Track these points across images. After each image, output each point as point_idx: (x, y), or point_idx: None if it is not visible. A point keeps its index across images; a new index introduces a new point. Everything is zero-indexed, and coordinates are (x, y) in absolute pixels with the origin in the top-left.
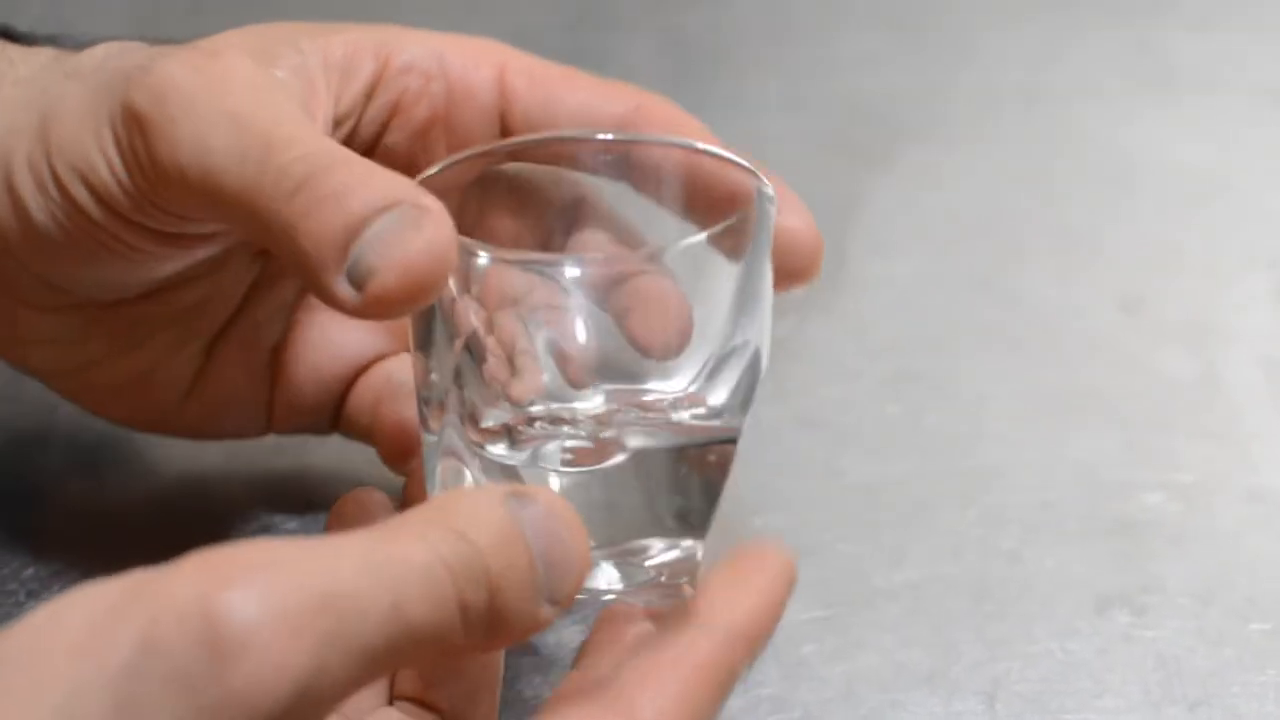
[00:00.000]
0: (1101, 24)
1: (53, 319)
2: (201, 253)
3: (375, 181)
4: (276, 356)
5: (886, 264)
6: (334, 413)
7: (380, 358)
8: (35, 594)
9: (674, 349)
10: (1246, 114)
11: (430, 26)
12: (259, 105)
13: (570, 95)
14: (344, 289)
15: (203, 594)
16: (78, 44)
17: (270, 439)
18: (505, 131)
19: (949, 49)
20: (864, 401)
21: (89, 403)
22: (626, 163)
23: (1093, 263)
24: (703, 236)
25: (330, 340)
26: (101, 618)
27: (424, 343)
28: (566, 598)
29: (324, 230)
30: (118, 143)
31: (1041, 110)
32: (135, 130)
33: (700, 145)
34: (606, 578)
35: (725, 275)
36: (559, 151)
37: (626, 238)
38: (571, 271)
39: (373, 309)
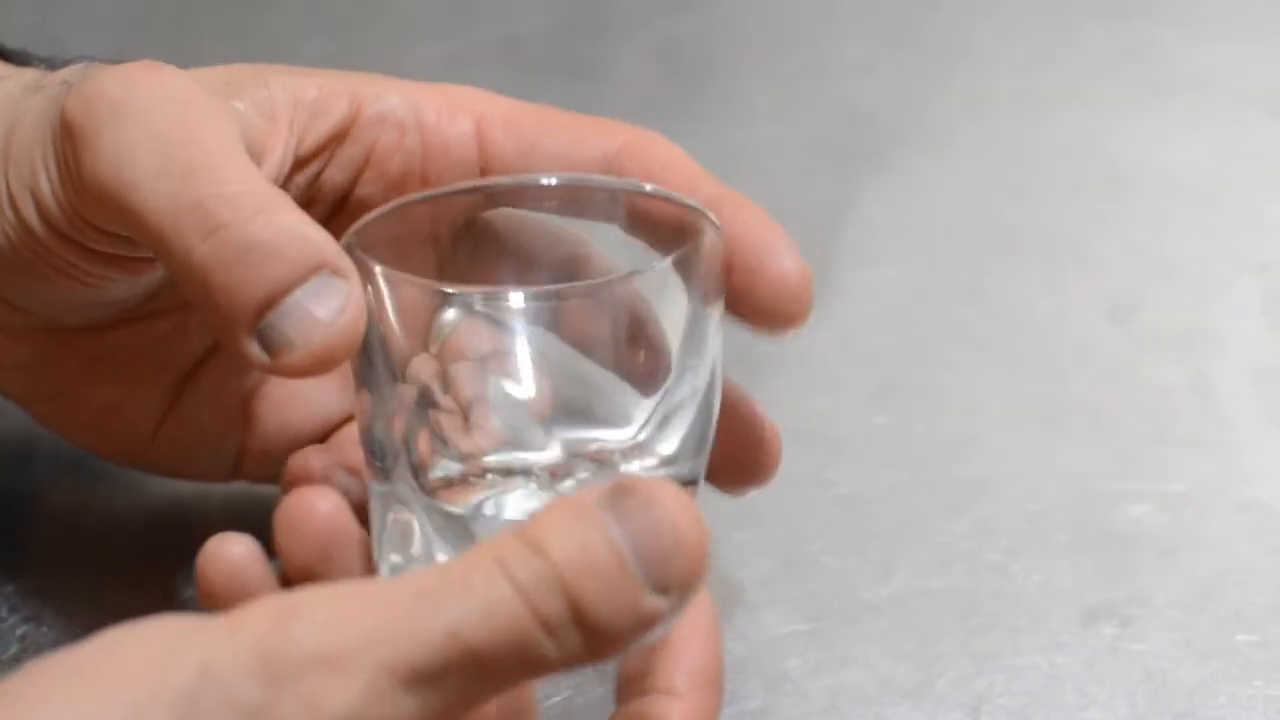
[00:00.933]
0: (1092, 28)
1: (23, 344)
2: (148, 278)
3: (296, 243)
4: (248, 404)
5: (874, 272)
6: None
7: (352, 418)
8: (16, 609)
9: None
10: (1238, 119)
11: (419, 34)
12: (187, 125)
13: (548, 139)
14: (254, 350)
15: (261, 629)
16: (68, 64)
17: None
18: (497, 202)
19: (938, 54)
20: (851, 412)
21: (62, 429)
22: (571, 205)
23: (1082, 270)
24: (667, 262)
25: (303, 395)
26: (164, 646)
27: (368, 382)
28: (679, 583)
29: (239, 291)
30: (56, 155)
31: (1031, 116)
32: (67, 140)
33: (648, 188)
34: None
35: (676, 312)
36: (499, 198)
37: None
38: (521, 303)
39: (279, 372)
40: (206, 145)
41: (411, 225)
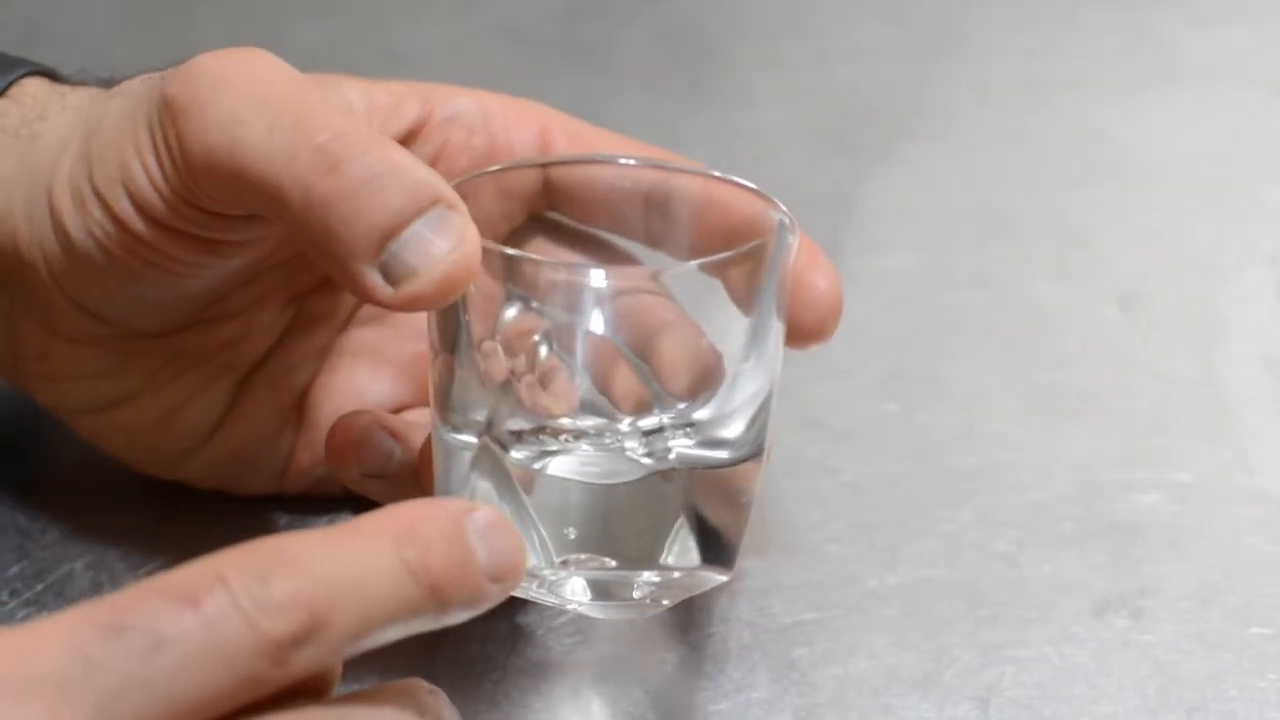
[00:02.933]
0: (1101, 16)
1: (88, 352)
2: (236, 262)
3: (414, 175)
4: (303, 400)
5: (881, 260)
6: None
7: (404, 408)
8: (18, 593)
9: (694, 391)
10: (1247, 107)
11: (423, 19)
12: (290, 87)
13: None
14: (377, 280)
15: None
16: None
17: None
18: (548, 190)
19: (943, 41)
20: (857, 400)
21: (109, 443)
22: (647, 187)
23: (1090, 259)
24: (725, 256)
25: (358, 387)
26: None
27: (449, 344)
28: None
29: (363, 219)
30: (153, 141)
31: (1037, 103)
32: (168, 119)
33: (719, 175)
34: (572, 589)
35: (740, 306)
36: (582, 171)
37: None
38: (601, 281)
39: (403, 304)
40: (311, 100)
41: (485, 202)
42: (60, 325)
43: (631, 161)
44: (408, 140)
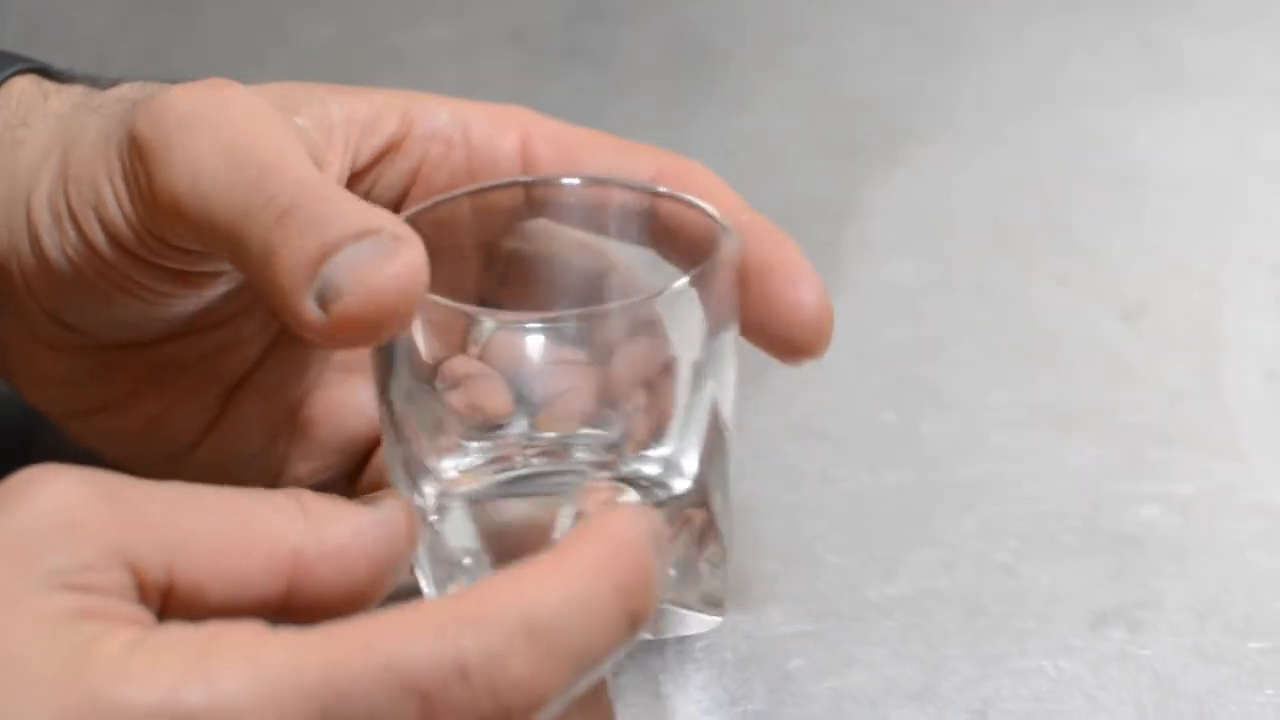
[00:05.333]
0: (1109, 24)
1: (70, 359)
2: (210, 293)
3: (356, 210)
4: (297, 412)
5: (882, 268)
6: (349, 476)
7: None
8: None
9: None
10: (1256, 117)
11: (425, 20)
12: (257, 136)
13: (591, 159)
14: (310, 308)
15: (160, 680)
16: (112, 82)
17: None
18: (530, 201)
19: (953, 48)
20: (858, 409)
21: (99, 445)
22: (591, 205)
23: (1094, 269)
24: (684, 282)
25: (355, 401)
26: (66, 660)
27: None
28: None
29: (298, 253)
30: (124, 172)
31: (1046, 112)
32: (136, 157)
33: (664, 190)
34: None
35: (693, 328)
36: (527, 194)
37: None
38: (543, 325)
39: (336, 332)
40: (275, 152)
41: (447, 231)
42: (39, 333)
43: (575, 181)
44: (386, 154)
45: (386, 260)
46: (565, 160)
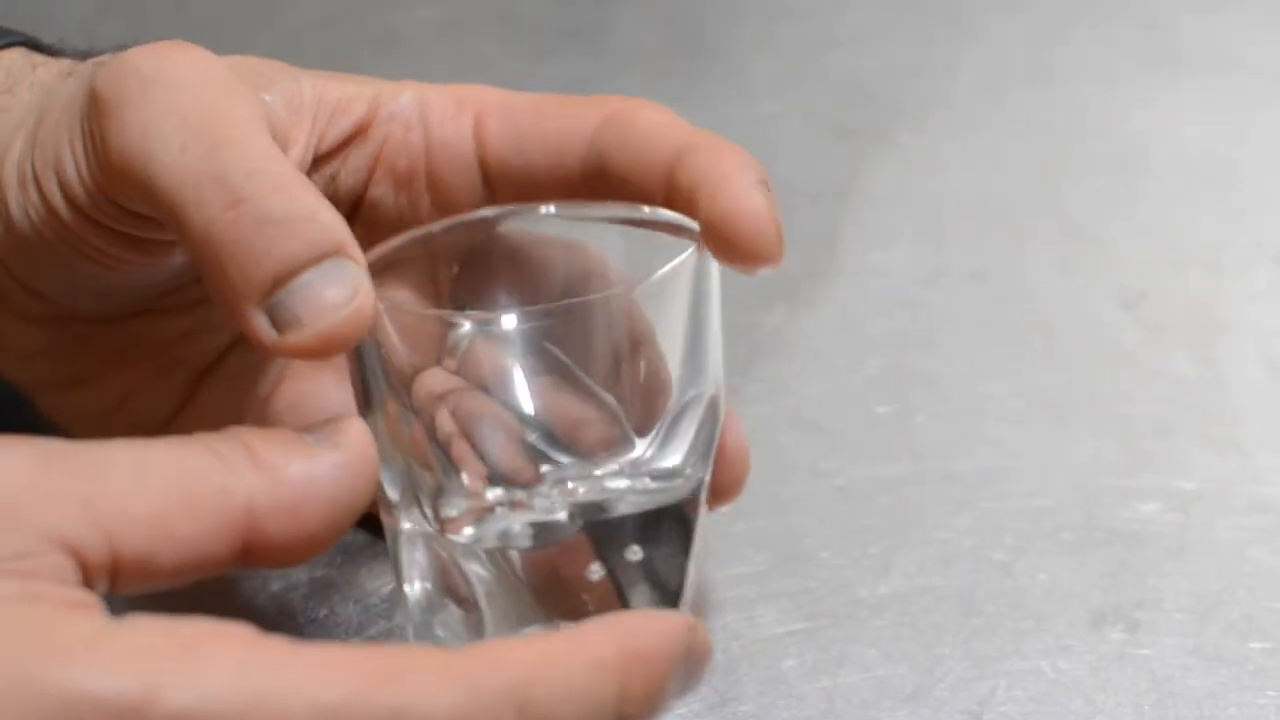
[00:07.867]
0: (1107, 4)
1: (40, 331)
2: (169, 262)
3: (313, 223)
4: (264, 404)
5: (879, 254)
6: None
7: None
8: None
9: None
10: (1256, 97)
11: (414, 3)
12: (215, 104)
13: (538, 127)
14: (262, 325)
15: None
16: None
17: None
18: (486, 179)
19: (949, 28)
20: (852, 400)
21: (68, 423)
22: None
23: (1093, 255)
24: (662, 274)
25: (323, 397)
26: (28, 669)
27: (368, 411)
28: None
29: (254, 262)
30: (83, 133)
31: (1044, 93)
32: (95, 115)
33: (626, 210)
34: None
35: (675, 323)
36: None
37: None
38: (516, 324)
39: (285, 353)
40: (233, 124)
41: (415, 252)
42: (9, 301)
43: (550, 210)
44: (352, 139)
45: (343, 290)
46: (515, 128)
